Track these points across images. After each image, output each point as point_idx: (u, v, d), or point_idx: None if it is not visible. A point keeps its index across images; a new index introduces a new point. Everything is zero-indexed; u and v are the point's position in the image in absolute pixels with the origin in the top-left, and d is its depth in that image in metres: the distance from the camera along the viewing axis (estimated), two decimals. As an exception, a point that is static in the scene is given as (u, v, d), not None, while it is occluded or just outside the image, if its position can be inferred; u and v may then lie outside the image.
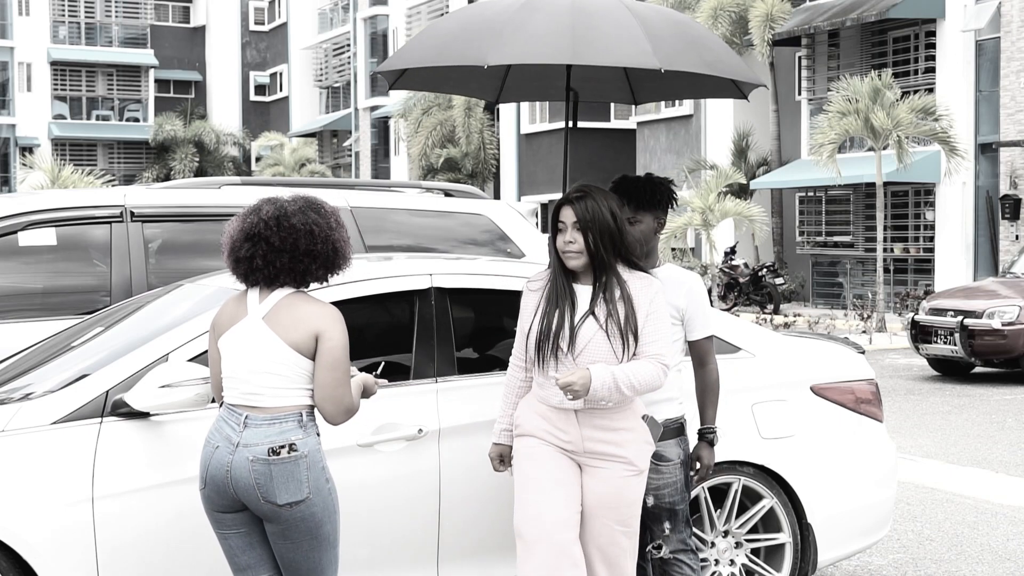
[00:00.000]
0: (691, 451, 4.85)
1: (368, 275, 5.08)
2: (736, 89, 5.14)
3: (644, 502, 4.63)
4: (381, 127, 50.24)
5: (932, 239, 27.03)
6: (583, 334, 4.40)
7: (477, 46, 4.54)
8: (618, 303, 4.41)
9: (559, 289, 4.47)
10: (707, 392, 4.86)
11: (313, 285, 4.31)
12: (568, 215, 4.44)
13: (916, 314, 16.94)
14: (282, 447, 4.08)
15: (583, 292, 4.47)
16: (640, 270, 4.52)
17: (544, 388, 4.50)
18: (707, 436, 4.87)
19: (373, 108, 50.04)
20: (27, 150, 52.28)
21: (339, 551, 4.31)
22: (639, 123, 36.44)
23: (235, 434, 4.12)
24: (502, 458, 4.67)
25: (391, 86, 5.49)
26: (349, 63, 52.30)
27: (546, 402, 4.50)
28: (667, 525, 4.77)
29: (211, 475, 4.15)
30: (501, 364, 5.22)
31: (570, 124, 5.29)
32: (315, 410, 4.19)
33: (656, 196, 4.75)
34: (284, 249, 4.14)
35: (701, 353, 4.84)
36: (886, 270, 26.21)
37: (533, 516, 4.41)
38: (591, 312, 4.41)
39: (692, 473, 4.83)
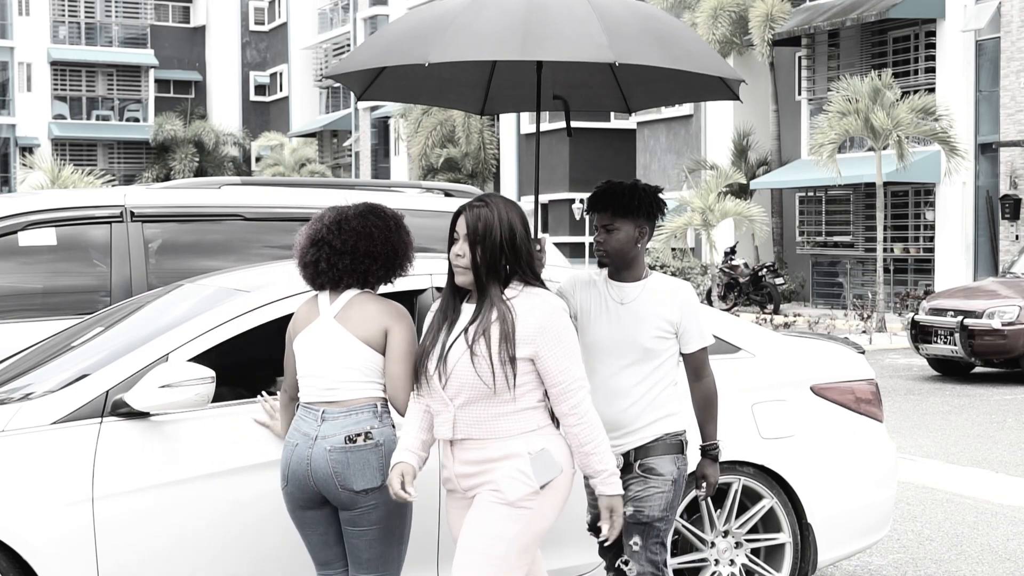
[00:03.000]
0: (695, 469, 4.62)
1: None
2: (727, 89, 5.02)
3: (623, 512, 4.32)
4: (381, 127, 50.24)
5: (932, 239, 27.04)
6: (451, 357, 4.00)
7: (421, 44, 4.36)
8: (493, 325, 3.96)
9: (444, 306, 4.13)
10: (706, 406, 4.57)
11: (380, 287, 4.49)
12: (461, 226, 4.06)
13: (916, 314, 16.94)
14: (358, 435, 4.28)
15: (467, 311, 4.07)
16: (542, 287, 4.09)
17: (436, 416, 4.12)
18: (711, 453, 4.61)
19: (373, 108, 50.04)
20: (27, 150, 52.29)
21: (405, 550, 4.41)
22: (639, 123, 36.44)
23: (313, 429, 4.30)
24: (402, 478, 4.09)
25: (359, 96, 5.21)
26: (349, 63, 52.25)
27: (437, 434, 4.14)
28: (636, 540, 4.46)
29: (292, 471, 4.32)
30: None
31: (542, 129, 5.34)
32: (388, 403, 4.38)
33: (635, 203, 4.43)
34: (345, 251, 4.36)
35: (697, 365, 4.55)
36: (886, 270, 26.21)
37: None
38: (463, 333, 4.01)
39: (699, 493, 4.64)
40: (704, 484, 4.63)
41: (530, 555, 4.03)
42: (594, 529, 4.54)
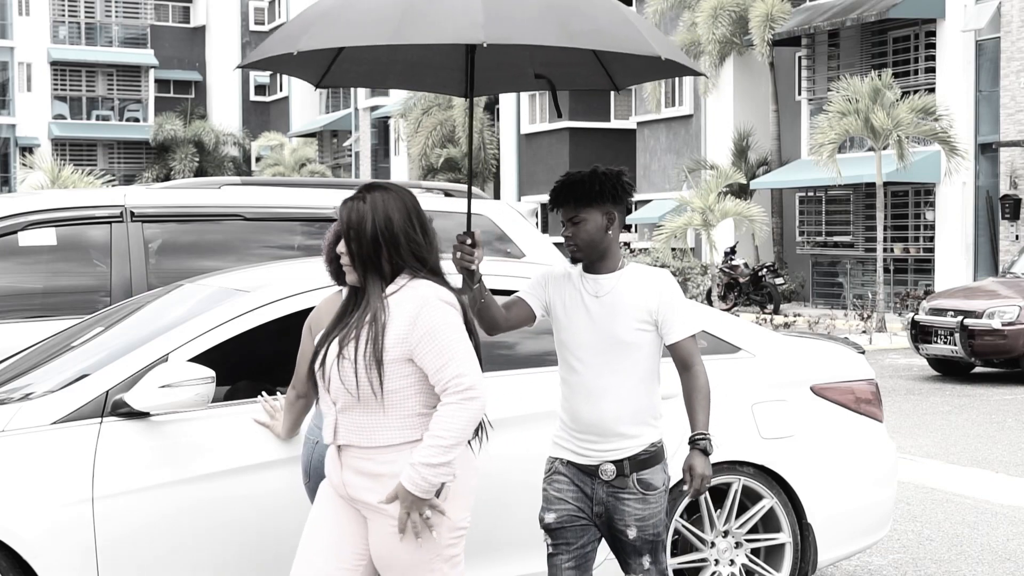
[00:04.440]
0: (684, 463, 4.30)
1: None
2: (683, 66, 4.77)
3: (625, 533, 4.29)
4: (381, 127, 50.24)
5: (932, 239, 27.04)
6: (328, 360, 3.82)
7: (297, 33, 4.24)
8: (365, 326, 3.74)
9: (343, 304, 3.94)
10: (696, 396, 4.30)
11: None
12: (340, 222, 3.89)
13: (916, 314, 16.94)
14: None
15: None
16: (439, 281, 3.84)
17: (324, 418, 3.93)
18: (699, 443, 4.26)
19: (373, 108, 50.04)
20: (27, 150, 52.28)
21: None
22: (639, 123, 36.45)
23: None
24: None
25: (317, 84, 4.94)
26: (349, 63, 52.27)
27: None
28: (647, 559, 4.34)
29: (315, 468, 4.34)
30: (502, 363, 5.22)
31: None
32: None
33: (597, 188, 4.22)
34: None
35: (684, 355, 4.29)
36: (886, 270, 26.21)
37: (298, 569, 3.91)
38: (338, 334, 3.84)
39: (685, 486, 4.30)
40: (689, 477, 4.25)
41: (457, 548, 3.88)
42: (545, 528, 4.39)
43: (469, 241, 4.15)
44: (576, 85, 4.92)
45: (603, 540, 4.44)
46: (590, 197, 4.22)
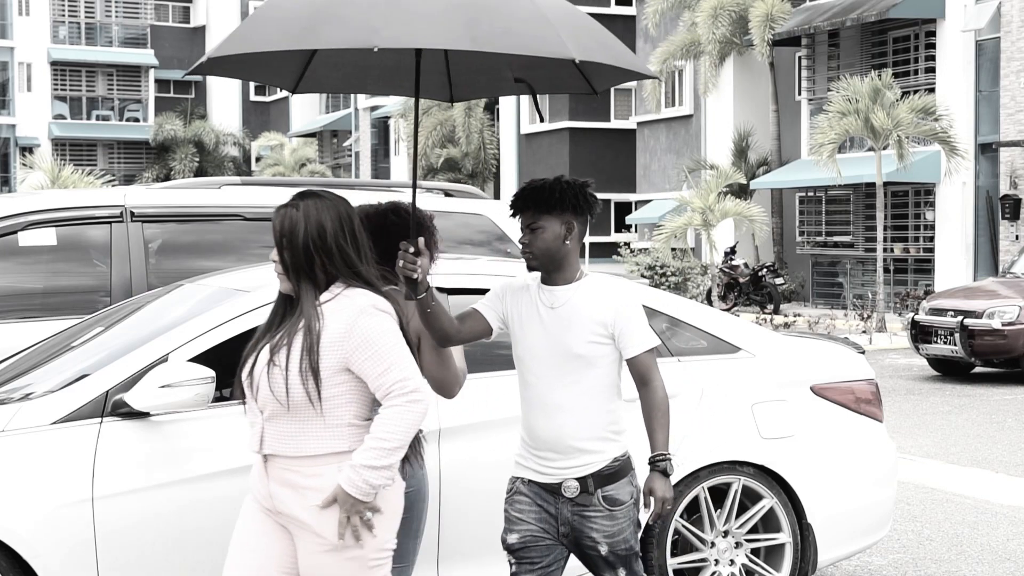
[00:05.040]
0: (644, 484, 4.18)
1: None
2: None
3: (596, 549, 4.18)
4: (381, 127, 50.24)
5: (932, 239, 27.04)
6: (257, 367, 3.75)
7: (229, 39, 4.21)
8: (298, 334, 3.67)
9: (272, 312, 3.87)
10: (655, 414, 4.15)
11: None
12: (274, 230, 3.83)
13: (916, 314, 16.94)
14: None
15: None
16: (373, 290, 3.77)
17: (250, 427, 3.84)
18: (659, 465, 4.13)
19: (373, 108, 50.04)
20: (27, 150, 52.27)
21: (420, 544, 4.43)
22: (639, 123, 36.46)
23: None
24: None
25: (293, 90, 4.86)
26: (349, 63, 52.28)
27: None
28: (622, 571, 4.22)
29: None
30: (502, 363, 5.22)
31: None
32: None
33: (556, 196, 4.12)
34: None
35: (642, 370, 4.16)
36: (886, 270, 26.21)
37: None
38: (268, 341, 3.77)
39: (646, 509, 4.20)
40: (651, 500, 4.14)
41: (383, 570, 3.79)
42: (508, 549, 4.28)
43: (412, 250, 4.05)
44: (556, 89, 4.74)
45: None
46: (549, 205, 4.13)
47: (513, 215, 4.21)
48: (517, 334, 4.22)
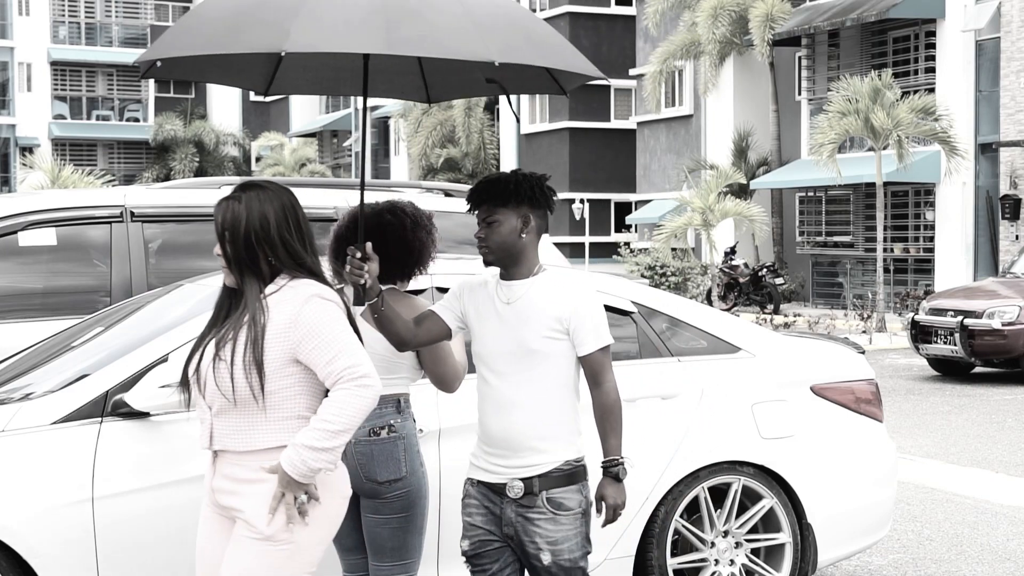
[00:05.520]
0: (596, 490, 4.07)
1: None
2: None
3: (539, 558, 4.03)
4: (381, 127, 50.25)
5: (932, 239, 27.04)
6: (204, 363, 3.68)
7: (156, 44, 4.11)
8: (243, 328, 3.62)
9: (217, 306, 3.81)
10: (607, 416, 4.03)
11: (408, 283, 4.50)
12: (216, 223, 3.74)
13: (916, 314, 16.94)
14: (382, 428, 4.33)
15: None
16: (316, 279, 3.70)
17: (200, 423, 3.78)
18: (611, 470, 4.01)
19: (373, 108, 50.04)
20: (27, 150, 52.28)
21: (424, 539, 4.44)
22: (639, 123, 36.47)
23: None
24: None
25: (264, 93, 4.82)
26: (349, 63, 52.29)
27: None
28: None
29: None
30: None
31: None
32: (410, 398, 4.43)
33: (512, 188, 4.04)
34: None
35: (595, 369, 4.03)
36: (886, 270, 26.21)
37: None
38: (214, 336, 3.70)
39: (597, 515, 4.07)
40: (602, 506, 4.03)
41: None
42: (463, 556, 4.19)
43: (359, 254, 3.98)
44: (526, 90, 4.73)
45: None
46: (505, 197, 4.05)
47: (470, 209, 4.13)
48: (475, 330, 4.14)
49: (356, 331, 3.71)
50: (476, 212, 4.11)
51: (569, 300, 4.03)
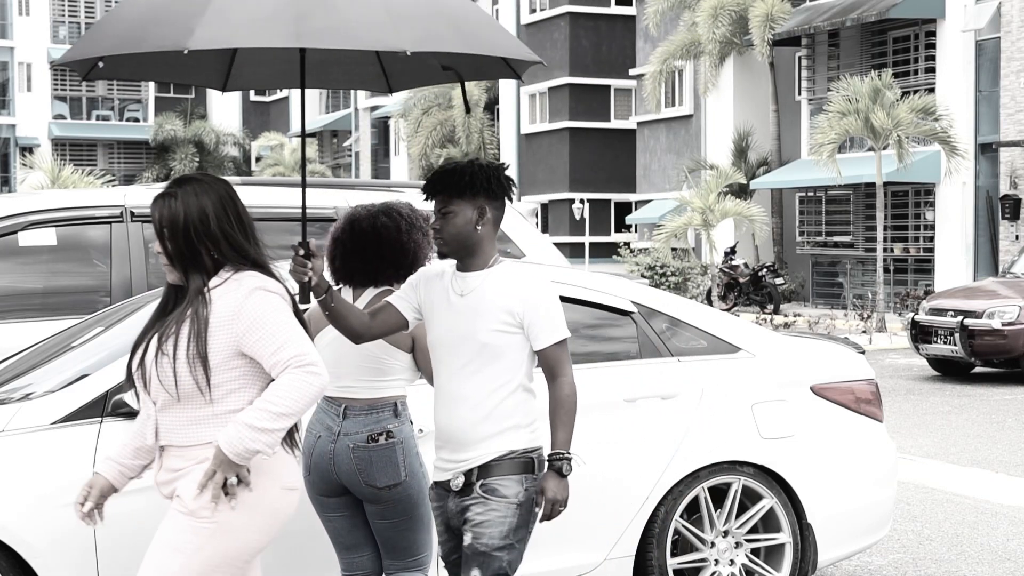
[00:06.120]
0: (537, 484, 3.97)
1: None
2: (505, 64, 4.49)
3: (462, 538, 3.97)
4: (381, 127, 50.26)
5: (932, 239, 27.05)
6: (148, 357, 3.64)
7: (75, 47, 4.16)
8: (187, 321, 3.57)
9: (162, 301, 3.74)
10: (559, 410, 3.93)
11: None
12: (154, 220, 3.65)
13: (916, 314, 16.94)
14: (380, 434, 4.33)
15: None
16: (265, 272, 3.65)
17: (146, 420, 3.73)
18: (555, 464, 3.90)
19: (373, 108, 50.06)
20: (27, 150, 52.29)
21: (433, 534, 4.44)
22: (639, 123, 36.47)
23: (335, 424, 4.35)
24: (87, 492, 3.78)
25: (223, 89, 4.79)
26: (349, 63, 52.29)
27: None
28: (476, 572, 3.91)
29: (315, 463, 4.39)
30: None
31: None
32: (407, 400, 4.43)
33: (467, 179, 3.95)
34: (356, 251, 4.42)
35: (551, 363, 3.95)
36: (886, 270, 26.22)
37: None
38: (157, 331, 3.65)
39: (537, 509, 3.97)
40: (542, 500, 3.91)
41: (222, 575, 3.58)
42: (447, 565, 4.14)
43: (302, 252, 3.93)
44: (482, 76, 4.71)
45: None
46: (460, 189, 3.96)
47: (426, 199, 4.07)
48: (429, 322, 4.08)
49: (303, 324, 3.66)
50: (433, 202, 4.04)
51: (522, 293, 3.95)
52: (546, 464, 3.96)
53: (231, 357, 3.56)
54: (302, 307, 3.96)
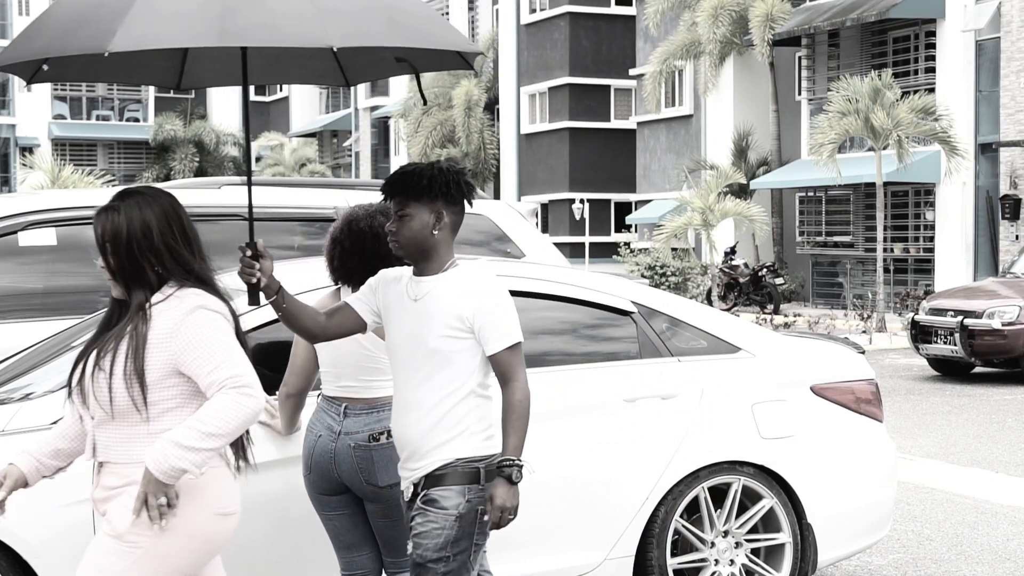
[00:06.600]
0: (487, 489, 3.88)
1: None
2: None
3: (408, 545, 3.96)
4: (381, 127, 50.25)
5: (932, 239, 27.05)
6: (87, 372, 3.56)
7: (6, 50, 4.08)
8: (125, 338, 3.50)
9: (106, 316, 3.67)
10: (510, 416, 3.83)
11: None
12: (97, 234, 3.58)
13: (916, 314, 16.94)
14: (381, 434, 4.33)
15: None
16: (209, 290, 3.58)
17: (87, 434, 3.66)
18: (504, 471, 3.80)
19: (373, 108, 50.05)
20: (27, 150, 52.29)
21: None
22: (639, 123, 36.47)
23: (336, 423, 4.36)
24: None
25: (177, 87, 4.71)
26: (349, 63, 52.25)
27: None
28: None
29: (316, 461, 4.40)
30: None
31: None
32: None
33: (425, 182, 3.88)
34: (354, 251, 4.43)
35: (502, 368, 3.86)
36: (886, 270, 26.22)
37: None
38: (97, 346, 3.58)
39: (485, 516, 3.88)
40: (489, 506, 3.82)
41: None
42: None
43: (249, 253, 3.89)
44: (435, 67, 4.66)
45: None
46: (418, 191, 3.89)
47: (384, 201, 4.02)
48: (387, 326, 4.02)
49: (244, 345, 3.58)
50: (391, 204, 3.99)
51: (473, 298, 3.87)
52: (495, 471, 3.86)
53: (168, 375, 3.49)
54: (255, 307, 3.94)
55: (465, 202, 3.98)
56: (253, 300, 4.00)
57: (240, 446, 3.69)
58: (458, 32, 4.28)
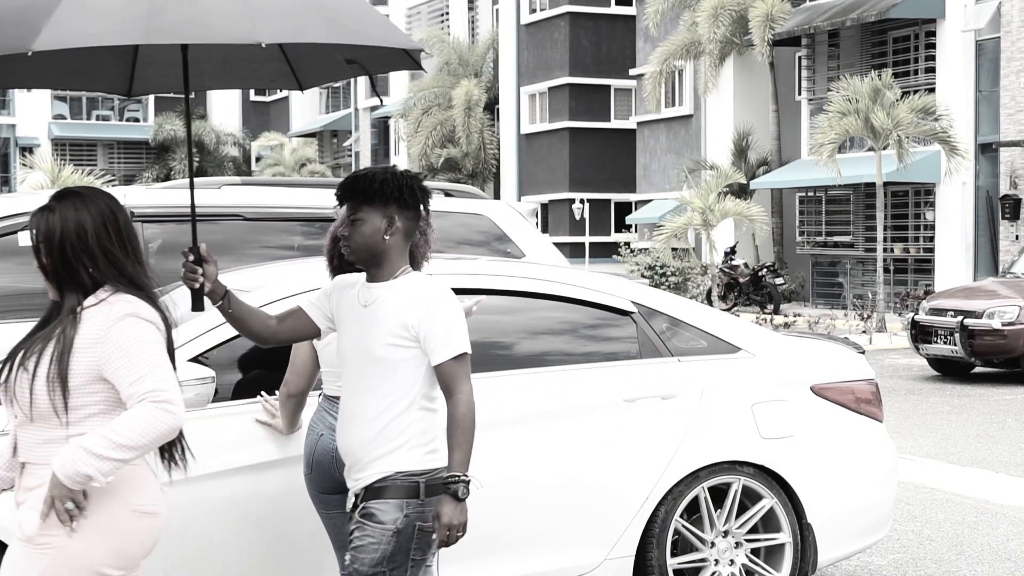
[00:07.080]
0: (435, 506, 3.80)
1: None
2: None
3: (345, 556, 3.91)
4: (381, 127, 50.26)
5: (932, 239, 27.05)
6: (13, 374, 3.49)
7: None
8: (52, 340, 3.43)
9: (44, 316, 3.59)
10: (455, 430, 3.73)
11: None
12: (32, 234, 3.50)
13: (916, 314, 16.95)
14: None
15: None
16: (142, 296, 3.48)
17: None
18: (451, 487, 3.70)
19: (373, 108, 50.04)
20: (27, 150, 52.28)
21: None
22: (639, 123, 36.47)
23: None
24: None
25: (128, 94, 4.70)
26: (349, 63, 52.25)
27: None
28: None
29: (317, 460, 4.38)
30: (500, 363, 5.22)
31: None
32: None
33: (376, 186, 3.83)
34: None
35: (446, 380, 3.77)
36: (886, 270, 26.22)
37: None
38: (25, 347, 3.52)
39: (433, 535, 3.80)
40: (436, 524, 3.74)
41: None
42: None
43: (192, 257, 3.84)
44: (385, 68, 4.60)
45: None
46: (370, 196, 3.83)
47: (338, 204, 3.96)
48: (339, 333, 3.98)
49: (172, 357, 3.52)
50: (344, 208, 3.94)
51: (419, 306, 3.79)
52: (440, 487, 3.77)
53: (92, 381, 3.42)
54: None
55: (421, 208, 3.92)
56: (197, 305, 3.94)
57: (167, 450, 3.61)
58: (398, 30, 4.22)
